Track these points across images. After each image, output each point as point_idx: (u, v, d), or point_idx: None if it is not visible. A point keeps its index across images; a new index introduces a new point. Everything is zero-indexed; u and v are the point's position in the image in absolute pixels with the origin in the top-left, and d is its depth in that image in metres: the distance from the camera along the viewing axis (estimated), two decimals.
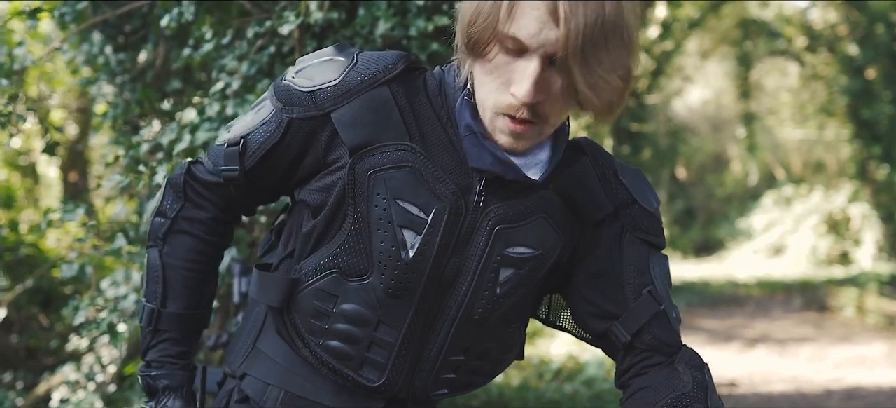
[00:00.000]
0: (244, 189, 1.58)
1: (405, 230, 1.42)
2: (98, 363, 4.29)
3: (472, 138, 1.40)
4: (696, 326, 10.01)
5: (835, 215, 16.33)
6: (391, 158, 1.42)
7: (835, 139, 17.42)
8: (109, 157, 3.84)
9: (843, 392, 6.03)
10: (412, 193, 1.41)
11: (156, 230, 1.63)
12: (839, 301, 11.02)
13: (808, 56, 16.68)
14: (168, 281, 1.61)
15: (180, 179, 1.62)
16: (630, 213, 1.53)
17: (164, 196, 1.63)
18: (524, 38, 1.28)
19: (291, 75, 1.50)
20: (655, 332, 1.54)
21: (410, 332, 1.48)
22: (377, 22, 3.01)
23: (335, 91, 1.44)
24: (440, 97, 1.47)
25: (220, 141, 1.58)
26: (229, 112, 3.04)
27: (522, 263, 1.48)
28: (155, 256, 1.62)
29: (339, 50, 1.51)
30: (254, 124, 1.52)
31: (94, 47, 4.11)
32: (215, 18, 3.26)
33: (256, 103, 1.57)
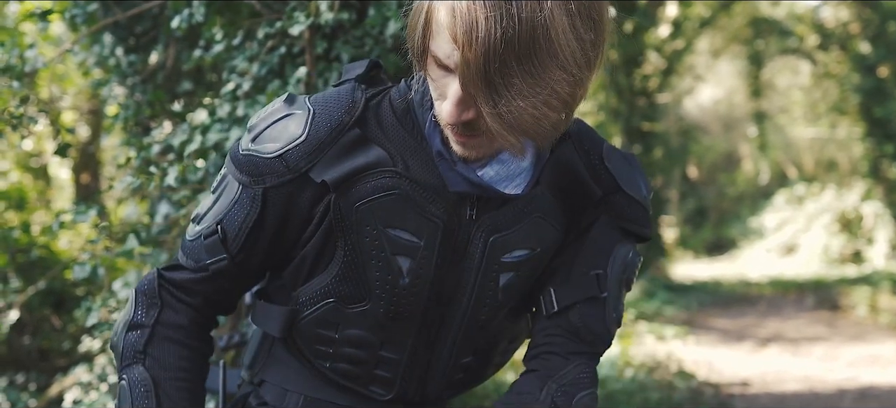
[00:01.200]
0: (233, 277, 1.47)
1: (399, 257, 1.39)
2: (111, 364, 4.29)
3: (445, 164, 1.36)
4: (708, 325, 9.98)
5: (847, 214, 16.26)
6: (376, 187, 1.36)
7: (847, 138, 17.35)
8: (121, 158, 3.84)
9: (856, 392, 6.00)
10: (402, 219, 1.37)
11: (132, 345, 1.45)
12: (852, 300, 10.97)
13: (820, 54, 16.62)
14: (160, 394, 1.42)
15: (153, 285, 1.48)
16: (614, 200, 1.48)
17: (136, 306, 1.47)
18: (442, 58, 1.21)
19: (247, 144, 1.39)
20: (584, 316, 1.49)
21: (415, 348, 1.48)
22: (387, 22, 3.00)
23: (305, 149, 1.35)
24: (409, 116, 1.40)
25: (192, 235, 1.47)
26: (240, 113, 3.04)
27: (521, 265, 1.44)
28: (138, 372, 1.43)
29: (288, 103, 1.40)
30: (224, 208, 1.42)
31: (104, 49, 4.11)
32: (226, 19, 3.26)
33: (216, 185, 1.46)
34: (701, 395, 5.97)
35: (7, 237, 5.85)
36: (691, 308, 11.47)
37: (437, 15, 1.20)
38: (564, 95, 1.18)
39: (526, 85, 1.15)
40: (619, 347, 7.39)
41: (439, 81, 1.25)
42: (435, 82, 1.27)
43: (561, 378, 1.46)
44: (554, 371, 1.47)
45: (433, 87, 1.28)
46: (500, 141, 1.22)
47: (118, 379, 1.46)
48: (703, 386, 6.32)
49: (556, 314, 1.49)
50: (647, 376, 6.40)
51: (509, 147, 1.24)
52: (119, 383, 1.46)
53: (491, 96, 1.15)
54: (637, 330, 8.83)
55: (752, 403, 5.83)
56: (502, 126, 1.17)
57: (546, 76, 1.15)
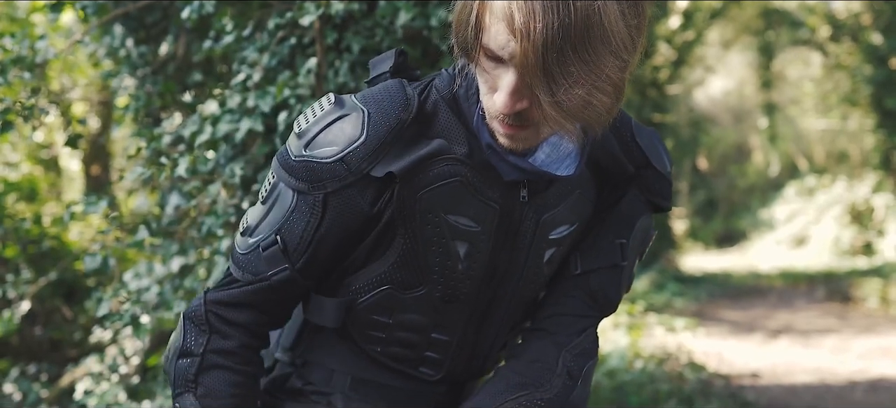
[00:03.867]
0: (295, 287, 1.44)
1: (458, 242, 1.41)
2: (121, 355, 4.31)
3: (495, 155, 1.38)
4: (719, 317, 9.97)
5: (858, 206, 16.20)
6: (439, 174, 1.37)
7: (858, 129, 17.29)
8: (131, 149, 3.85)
9: (867, 384, 5.98)
10: (463, 205, 1.39)
11: (183, 373, 1.44)
12: (863, 292, 10.94)
13: (832, 45, 16.55)
14: None
15: (200, 309, 1.46)
16: (645, 174, 1.53)
17: (185, 333, 1.46)
18: (496, 50, 1.22)
19: (300, 150, 1.37)
20: (604, 281, 1.54)
21: (466, 329, 1.50)
22: (398, 13, 3.00)
23: (366, 150, 1.34)
24: (457, 107, 1.42)
25: (246, 248, 1.44)
26: (250, 104, 3.04)
27: (563, 240, 1.49)
28: (190, 402, 1.43)
29: (341, 105, 1.38)
30: (281, 217, 1.39)
31: (115, 40, 4.12)
32: (236, 10, 3.26)
33: (267, 195, 1.43)
34: (711, 386, 5.96)
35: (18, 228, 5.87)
36: (701, 300, 11.45)
37: (492, 6, 1.21)
38: (616, 80, 1.21)
39: (582, 72, 1.17)
40: (629, 338, 7.39)
41: (491, 73, 1.26)
42: (486, 75, 1.28)
43: (574, 348, 1.52)
44: (567, 339, 1.52)
45: (483, 80, 1.29)
46: (557, 128, 1.25)
47: (173, 403, 1.47)
48: (713, 378, 6.31)
49: (576, 276, 1.54)
50: (658, 368, 6.39)
51: (567, 134, 1.29)
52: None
53: (549, 85, 1.17)
54: (647, 322, 8.82)
55: (762, 394, 5.81)
56: (560, 114, 1.20)
57: (600, 62, 1.18)
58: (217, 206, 3.31)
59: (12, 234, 5.83)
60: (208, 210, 3.35)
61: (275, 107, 3.06)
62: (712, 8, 15.91)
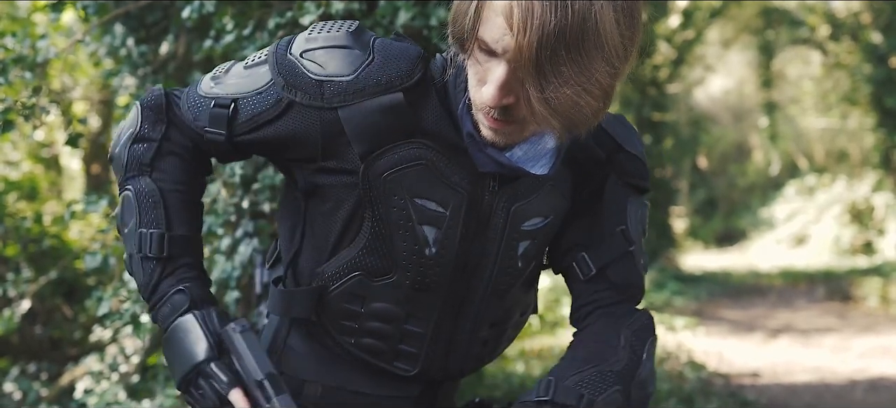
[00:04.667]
0: (221, 152, 1.51)
1: (426, 227, 1.42)
2: (122, 354, 4.31)
3: (474, 145, 1.39)
4: (719, 316, 9.97)
5: (858, 205, 16.20)
6: (404, 157, 1.39)
7: (858, 128, 17.29)
8: None
9: (867, 383, 5.99)
10: (429, 188, 1.41)
11: (139, 156, 1.50)
12: (863, 291, 10.94)
13: (831, 44, 16.55)
14: (168, 205, 1.49)
15: (160, 101, 1.52)
16: (618, 159, 1.55)
17: (141, 120, 1.51)
18: (490, 43, 1.25)
19: (298, 51, 1.41)
20: (621, 271, 1.57)
21: (440, 321, 1.50)
22: (398, 12, 3.00)
23: (346, 88, 1.37)
24: (444, 91, 1.44)
25: (204, 92, 1.49)
26: None
27: (537, 233, 1.50)
28: (145, 183, 1.48)
29: (355, 38, 1.41)
30: (247, 89, 1.45)
31: (116, 39, 4.12)
32: (236, 9, 3.26)
33: (252, 62, 1.48)
34: (711, 385, 5.97)
35: (19, 227, 5.87)
36: (701, 299, 11.45)
37: (494, 4, 1.23)
38: (605, 86, 1.24)
39: (573, 73, 1.20)
40: None
41: (482, 66, 1.29)
42: (477, 66, 1.30)
43: (633, 324, 1.54)
44: (622, 319, 1.54)
45: (474, 72, 1.31)
46: (543, 126, 1.28)
47: (119, 191, 1.51)
48: (713, 377, 6.32)
49: (595, 277, 1.57)
50: (658, 367, 6.40)
51: (551, 132, 1.34)
52: (121, 193, 1.50)
53: (539, 82, 1.20)
54: None
55: (762, 393, 5.82)
56: (547, 111, 1.22)
57: (591, 66, 1.20)
58: (217, 205, 3.32)
59: (13, 232, 5.83)
60: (208, 209, 3.35)
61: None
62: (712, 7, 15.91)
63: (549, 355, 6.57)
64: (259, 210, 3.29)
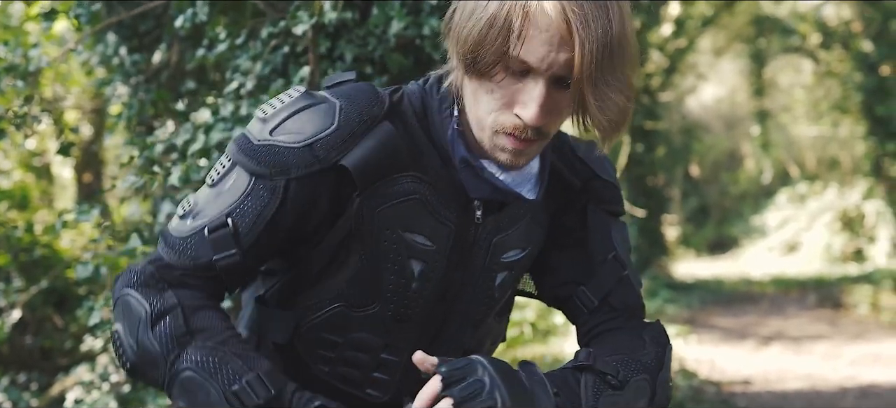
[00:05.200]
0: (239, 274, 1.37)
1: (413, 261, 1.40)
2: (112, 364, 4.30)
3: (469, 170, 1.38)
4: (711, 324, 9.99)
5: (849, 212, 16.24)
6: (399, 191, 1.37)
7: (849, 136, 17.33)
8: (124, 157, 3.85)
9: (858, 390, 6.01)
10: (419, 223, 1.39)
11: (170, 334, 1.28)
12: (854, 298, 10.97)
13: (822, 53, 16.61)
14: (236, 353, 1.29)
15: (146, 273, 1.34)
16: (594, 187, 1.54)
17: (145, 302, 1.30)
18: (533, 62, 1.25)
19: (264, 134, 1.33)
20: (621, 295, 1.56)
21: (415, 350, 1.43)
22: (391, 21, 3.01)
23: (337, 138, 1.32)
24: (425, 120, 1.41)
25: (187, 231, 1.35)
26: (243, 112, 3.05)
27: (515, 264, 1.50)
28: (197, 353, 1.27)
29: (311, 96, 1.36)
30: (233, 201, 1.33)
31: (108, 48, 4.12)
32: (229, 19, 3.27)
33: (217, 178, 1.36)
34: (703, 393, 5.98)
35: (10, 236, 5.86)
36: (693, 307, 11.47)
37: (534, 17, 1.23)
38: (633, 86, 1.30)
39: (615, 79, 1.25)
40: None
41: (508, 88, 1.28)
42: (502, 90, 1.29)
43: (650, 331, 1.53)
44: (638, 328, 1.54)
45: (494, 97, 1.30)
46: (603, 135, 1.31)
47: (169, 382, 1.28)
48: (704, 385, 6.33)
49: (597, 308, 1.55)
50: None
51: (606, 141, 1.35)
52: (177, 381, 1.28)
53: (598, 91, 1.24)
54: None
55: (753, 401, 5.83)
56: (605, 119, 1.26)
57: (625, 70, 1.27)
58: None
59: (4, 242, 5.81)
60: None
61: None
62: (704, 15, 15.96)
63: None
64: None
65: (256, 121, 1.37)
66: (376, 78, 3.09)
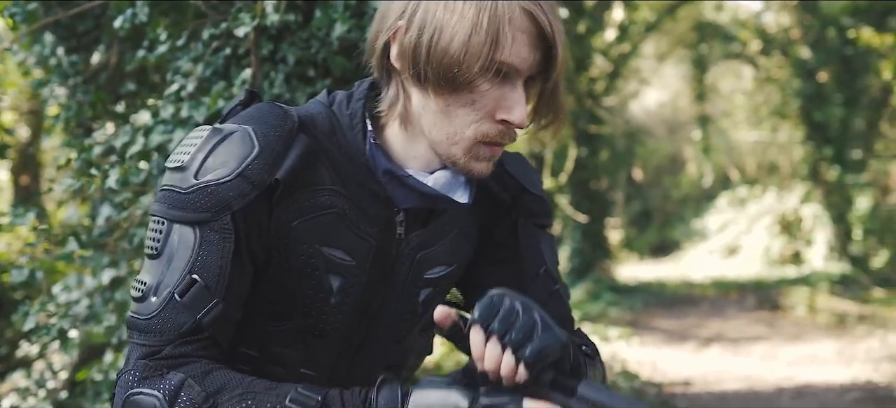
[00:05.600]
0: (228, 320, 1.31)
1: (331, 275, 1.37)
2: (49, 369, 4.23)
3: (395, 181, 1.37)
4: (653, 326, 10.11)
5: (787, 216, 16.57)
6: (317, 204, 1.34)
7: (788, 141, 17.69)
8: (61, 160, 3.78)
9: (794, 390, 6.13)
10: (337, 237, 1.36)
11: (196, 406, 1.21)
12: (791, 300, 11.19)
13: (762, 59, 16.93)
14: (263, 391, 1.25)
15: (141, 365, 1.26)
16: (522, 201, 1.53)
17: (153, 387, 1.23)
18: (517, 63, 1.26)
19: (190, 180, 1.28)
20: (553, 310, 1.49)
21: (336, 365, 1.46)
22: (334, 24, 3.00)
23: (264, 160, 1.28)
24: (335, 137, 1.38)
25: (157, 306, 1.26)
26: (184, 114, 3.01)
27: (440, 281, 1.48)
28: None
29: (217, 129, 1.31)
30: (187, 260, 1.27)
31: (45, 48, 4.05)
32: (170, 20, 3.22)
33: (159, 249, 1.29)
34: (644, 394, 6.05)
35: None
36: (636, 309, 11.60)
37: (516, 21, 1.25)
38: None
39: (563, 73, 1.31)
40: None
41: (486, 96, 1.29)
42: (481, 100, 1.29)
43: (582, 340, 1.53)
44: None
45: (472, 109, 1.30)
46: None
47: None
48: (646, 386, 6.40)
49: None
50: None
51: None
52: None
53: (561, 88, 1.30)
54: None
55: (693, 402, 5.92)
56: (563, 114, 1.33)
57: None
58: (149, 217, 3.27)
59: None
60: (140, 222, 3.31)
61: (209, 117, 3.03)
62: (647, 21, 16.16)
63: None
64: None
65: (173, 173, 1.30)
66: (319, 81, 3.08)
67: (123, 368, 1.28)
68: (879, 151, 14.39)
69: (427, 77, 1.29)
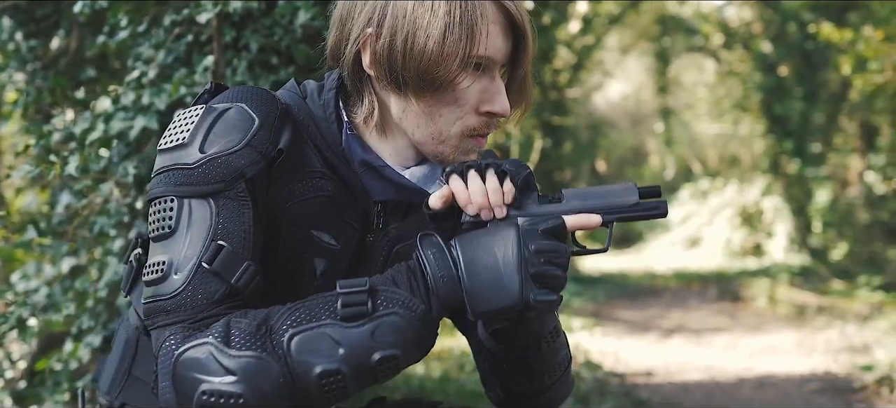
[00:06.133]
0: (258, 286, 1.29)
1: (317, 258, 1.39)
2: (7, 359, 4.16)
3: (371, 173, 1.38)
4: (615, 317, 10.17)
5: (748, 208, 16.75)
6: (309, 188, 1.35)
7: (749, 134, 17.87)
8: (20, 146, 3.72)
9: (754, 380, 6.19)
10: (326, 221, 1.37)
11: (249, 332, 1.18)
12: (752, 292, 11.30)
13: (724, 53, 17.11)
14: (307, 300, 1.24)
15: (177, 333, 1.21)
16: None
17: (201, 338, 1.18)
18: (494, 55, 1.29)
19: (197, 155, 1.26)
20: None
21: None
22: (297, 12, 2.98)
23: (266, 131, 1.29)
24: (312, 125, 1.38)
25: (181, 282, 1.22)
26: (145, 101, 2.98)
27: None
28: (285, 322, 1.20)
29: (210, 109, 1.30)
30: (206, 229, 1.24)
31: (3, 33, 3.98)
32: (131, 5, 3.18)
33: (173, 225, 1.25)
34: (606, 385, 6.08)
35: None
36: (599, 300, 11.66)
37: (487, 13, 1.28)
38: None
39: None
40: None
41: (472, 89, 1.32)
42: (462, 96, 1.31)
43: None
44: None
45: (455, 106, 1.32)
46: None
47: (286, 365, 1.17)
48: (608, 376, 6.44)
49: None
50: None
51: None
52: (290, 346, 1.18)
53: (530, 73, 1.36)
54: None
55: (655, 392, 5.96)
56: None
57: None
58: (110, 205, 3.24)
59: None
60: (100, 209, 3.27)
61: (170, 104, 3.00)
62: (611, 14, 16.24)
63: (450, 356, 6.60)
64: None
65: (173, 152, 1.28)
66: (282, 69, 3.05)
67: (157, 349, 1.23)
68: (838, 145, 14.57)
69: (406, 82, 1.29)
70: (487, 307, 1.21)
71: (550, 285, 1.23)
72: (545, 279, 1.23)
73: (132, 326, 1.53)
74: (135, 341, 1.51)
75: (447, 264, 1.23)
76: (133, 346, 1.51)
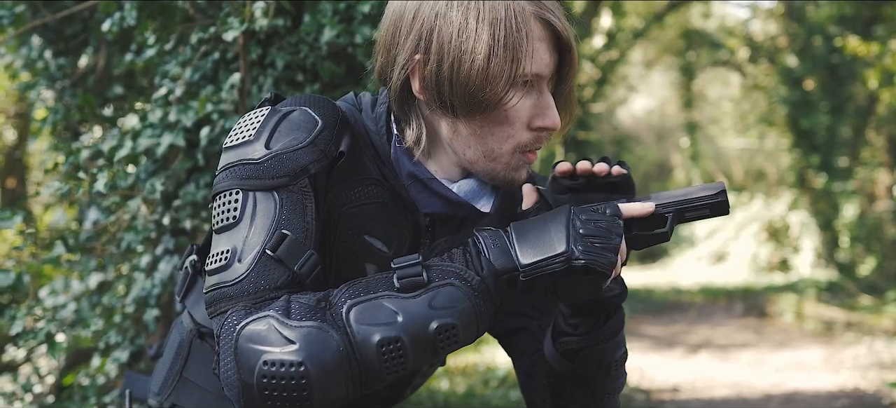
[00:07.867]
0: (318, 275, 1.29)
1: (369, 264, 1.41)
2: (36, 374, 4.20)
3: (418, 185, 1.39)
4: (641, 332, 10.12)
5: (775, 223, 16.61)
6: (364, 194, 1.38)
7: (775, 148, 17.76)
8: (49, 163, 3.76)
9: (782, 397, 6.13)
10: (378, 228, 1.40)
11: (310, 307, 1.20)
12: (779, 307, 11.21)
13: (750, 67, 17.01)
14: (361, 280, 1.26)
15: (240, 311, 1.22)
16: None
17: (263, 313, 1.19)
18: (540, 70, 1.30)
19: (263, 150, 1.29)
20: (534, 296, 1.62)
21: None
22: (322, 29, 2.99)
23: (329, 133, 1.32)
24: (367, 135, 1.41)
25: (245, 269, 1.23)
26: (172, 118, 3.00)
27: None
28: (343, 296, 1.22)
29: (274, 111, 1.34)
30: (272, 217, 1.26)
31: (33, 51, 4.03)
32: (158, 23, 3.21)
33: (238, 215, 1.27)
34: (632, 401, 6.05)
35: None
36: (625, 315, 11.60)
37: (531, 30, 1.28)
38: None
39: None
40: None
41: (521, 106, 1.32)
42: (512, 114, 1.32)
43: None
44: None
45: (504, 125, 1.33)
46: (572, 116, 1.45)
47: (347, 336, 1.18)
48: (634, 392, 6.41)
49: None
50: None
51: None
52: (350, 317, 1.19)
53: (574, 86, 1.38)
54: None
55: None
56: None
57: None
58: (137, 221, 3.26)
59: None
60: (128, 226, 3.29)
61: (197, 122, 3.02)
62: (635, 28, 16.21)
63: (474, 371, 6.59)
64: (180, 227, 3.24)
65: (238, 149, 1.31)
66: (308, 86, 3.07)
67: (218, 331, 1.23)
68: (865, 159, 14.45)
69: (454, 105, 1.30)
70: (533, 257, 1.21)
71: (598, 257, 1.23)
72: (592, 246, 1.23)
73: (185, 329, 1.57)
74: (188, 344, 1.55)
75: (501, 237, 1.25)
76: (186, 348, 1.55)
